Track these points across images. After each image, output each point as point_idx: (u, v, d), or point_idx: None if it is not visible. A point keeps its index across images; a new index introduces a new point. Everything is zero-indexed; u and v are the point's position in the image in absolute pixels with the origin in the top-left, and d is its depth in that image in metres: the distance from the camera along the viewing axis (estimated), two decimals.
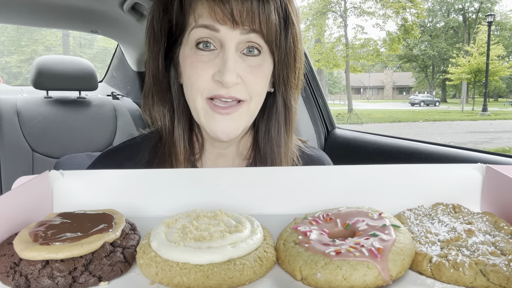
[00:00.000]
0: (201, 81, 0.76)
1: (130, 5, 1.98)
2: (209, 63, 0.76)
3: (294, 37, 0.81)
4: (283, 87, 0.84)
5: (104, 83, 3.06)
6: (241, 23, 0.72)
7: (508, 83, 34.36)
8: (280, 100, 0.86)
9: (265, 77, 0.79)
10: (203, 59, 0.76)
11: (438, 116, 19.94)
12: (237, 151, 0.91)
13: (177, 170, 0.70)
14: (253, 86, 0.77)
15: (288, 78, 0.83)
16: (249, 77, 0.77)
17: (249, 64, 0.77)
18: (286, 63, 0.81)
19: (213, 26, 0.74)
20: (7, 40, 17.91)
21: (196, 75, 0.76)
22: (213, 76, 0.75)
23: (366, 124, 16.61)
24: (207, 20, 0.74)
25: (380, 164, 0.67)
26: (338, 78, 43.65)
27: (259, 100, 0.81)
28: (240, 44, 0.76)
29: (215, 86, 0.76)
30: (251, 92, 0.78)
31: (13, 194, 0.56)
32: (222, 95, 0.76)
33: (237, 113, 0.78)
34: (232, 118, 0.78)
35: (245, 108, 0.79)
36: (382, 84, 46.33)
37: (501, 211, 0.60)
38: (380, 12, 23.43)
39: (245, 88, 0.77)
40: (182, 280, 0.45)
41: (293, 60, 0.82)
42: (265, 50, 0.78)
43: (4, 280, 0.46)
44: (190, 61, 0.77)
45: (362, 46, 23.50)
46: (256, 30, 0.74)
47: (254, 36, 0.75)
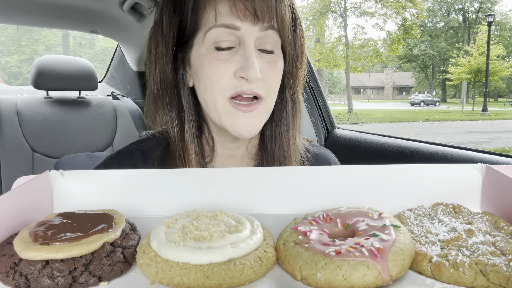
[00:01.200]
0: (223, 79, 0.76)
1: (130, 5, 1.98)
2: (229, 60, 0.76)
3: (301, 33, 0.83)
4: (292, 83, 0.86)
5: (104, 83, 3.06)
6: (262, 18, 0.74)
7: (508, 83, 34.37)
8: (289, 96, 0.88)
9: (280, 73, 0.81)
10: (222, 58, 0.76)
11: (438, 116, 19.94)
12: (246, 151, 0.92)
13: (177, 170, 0.70)
14: (271, 82, 0.79)
15: (297, 74, 0.86)
16: (268, 73, 0.78)
17: (265, 60, 0.78)
18: (296, 59, 0.83)
19: (233, 25, 0.74)
20: (7, 40, 17.91)
21: (218, 74, 0.76)
22: (235, 73, 0.76)
23: (366, 124, 16.61)
24: (227, 19, 0.74)
25: (380, 164, 0.67)
26: (338, 78, 43.66)
27: (274, 97, 0.83)
28: (258, 41, 0.77)
29: (237, 83, 0.76)
30: (269, 89, 0.80)
31: (13, 194, 0.56)
32: (245, 91, 0.77)
33: (258, 110, 0.80)
34: (253, 115, 0.79)
35: (264, 106, 0.81)
36: (382, 84, 46.34)
37: (501, 211, 0.60)
38: (380, 12, 23.44)
39: (264, 84, 0.78)
40: (182, 280, 0.45)
41: (301, 55, 0.84)
42: (279, 46, 0.80)
43: (4, 280, 0.46)
44: (209, 61, 0.76)
45: (362, 46, 23.50)
46: (273, 27, 0.76)
47: (271, 32, 0.77)
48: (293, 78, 0.86)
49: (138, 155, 0.91)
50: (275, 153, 0.88)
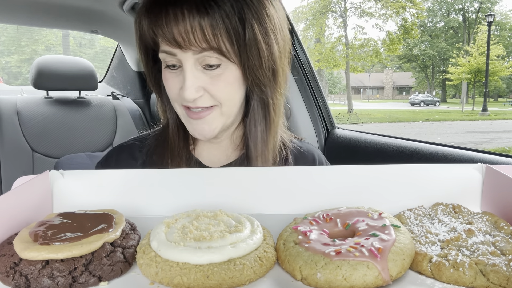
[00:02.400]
0: (172, 94, 0.83)
1: (130, 5, 1.98)
2: (176, 79, 0.81)
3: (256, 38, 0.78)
4: (256, 86, 0.84)
5: (104, 83, 3.06)
6: (185, 46, 0.75)
7: (508, 83, 34.37)
8: (256, 99, 0.86)
9: (228, 84, 0.81)
10: (172, 76, 0.82)
11: (438, 116, 19.93)
12: (230, 141, 0.95)
13: (177, 170, 0.70)
14: (218, 94, 0.80)
15: (258, 79, 0.82)
16: (212, 88, 0.80)
17: (210, 76, 0.79)
18: (251, 66, 0.80)
19: (170, 51, 0.78)
20: (7, 40, 17.90)
21: (169, 89, 0.83)
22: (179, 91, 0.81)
23: (366, 124, 16.61)
24: (164, 47, 0.79)
25: (380, 164, 0.67)
26: (338, 78, 43.66)
27: (231, 103, 0.83)
28: (198, 60, 0.78)
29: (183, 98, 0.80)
30: (218, 99, 0.81)
31: (13, 194, 0.56)
32: (191, 106, 0.81)
33: (210, 116, 0.82)
34: (205, 121, 0.83)
35: (217, 112, 0.83)
36: (382, 84, 46.34)
37: (501, 211, 0.60)
38: (380, 12, 23.44)
39: (210, 97, 0.80)
40: (182, 280, 0.45)
41: (258, 62, 0.80)
42: (225, 61, 0.79)
43: (4, 280, 0.46)
44: (164, 77, 0.84)
45: (362, 46, 23.50)
46: (206, 49, 0.76)
47: (207, 53, 0.77)
48: (256, 83, 0.83)
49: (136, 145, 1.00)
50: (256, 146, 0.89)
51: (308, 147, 1.03)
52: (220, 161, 0.95)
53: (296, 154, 0.99)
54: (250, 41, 0.77)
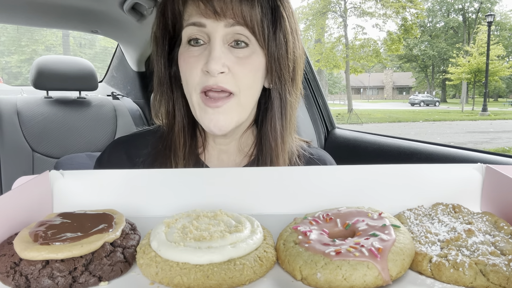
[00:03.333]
0: (193, 75, 0.79)
1: (130, 5, 1.98)
2: (199, 56, 0.79)
3: (285, 30, 0.81)
4: (277, 80, 0.84)
5: (104, 83, 3.06)
6: (223, 15, 0.75)
7: (508, 83, 34.36)
8: (274, 93, 0.86)
9: (253, 69, 0.80)
10: (194, 54, 0.79)
11: (438, 116, 19.93)
12: (238, 147, 0.93)
13: (177, 170, 0.70)
14: (240, 76, 0.79)
15: (281, 71, 0.83)
16: (237, 68, 0.78)
17: (237, 55, 0.79)
18: (277, 56, 0.81)
19: (199, 22, 0.77)
20: (7, 40, 17.90)
21: (189, 70, 0.80)
22: (202, 68, 0.78)
23: (366, 124, 16.61)
24: (194, 18, 0.78)
25: (380, 164, 0.67)
26: (338, 78, 43.66)
27: (250, 93, 0.82)
28: (227, 36, 0.78)
29: (204, 77, 0.78)
30: (239, 84, 0.79)
31: (13, 194, 0.56)
32: (211, 86, 0.78)
33: (227, 106, 0.80)
34: (222, 111, 0.80)
35: (235, 101, 0.80)
36: (382, 84, 46.33)
37: (501, 211, 0.60)
38: (380, 12, 23.44)
39: (233, 79, 0.78)
40: (182, 280, 0.45)
41: (285, 53, 0.82)
42: (254, 43, 0.79)
43: (4, 280, 0.46)
44: (183, 58, 0.81)
45: (362, 46, 23.49)
46: (240, 23, 0.77)
47: (239, 28, 0.77)
48: (277, 74, 0.83)
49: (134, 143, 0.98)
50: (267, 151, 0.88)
51: (319, 153, 1.01)
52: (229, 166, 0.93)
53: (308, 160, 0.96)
54: (281, 31, 0.80)
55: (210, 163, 0.93)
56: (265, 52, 0.81)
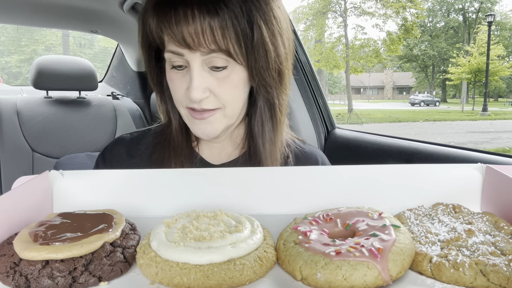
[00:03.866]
0: (178, 95, 0.83)
1: (130, 5, 1.98)
2: (182, 79, 0.81)
3: (264, 39, 0.79)
4: (262, 87, 0.85)
5: (104, 83, 3.06)
6: (195, 47, 0.75)
7: (508, 83, 34.35)
8: (261, 100, 0.87)
9: (234, 87, 0.81)
10: (178, 76, 0.81)
11: (438, 116, 19.92)
12: (230, 141, 0.96)
13: (177, 170, 0.70)
14: (223, 96, 0.81)
15: (265, 80, 0.83)
16: (218, 89, 0.80)
17: (217, 77, 0.80)
18: (258, 68, 0.80)
19: (177, 51, 0.78)
20: (7, 40, 17.89)
21: (174, 90, 0.83)
22: (185, 91, 0.80)
23: (366, 124, 16.60)
24: (172, 47, 0.78)
25: (380, 164, 0.67)
26: (338, 78, 43.64)
27: (235, 106, 0.84)
28: (206, 61, 0.78)
29: (188, 100, 0.80)
30: (223, 102, 0.81)
31: (13, 194, 0.56)
32: (195, 108, 0.81)
33: (214, 117, 0.83)
34: (209, 121, 0.83)
35: (221, 114, 0.83)
36: (382, 84, 46.32)
37: (501, 211, 0.60)
38: (380, 11, 23.43)
39: (216, 99, 0.81)
40: (182, 280, 0.45)
41: (265, 63, 0.80)
42: (232, 62, 0.79)
43: (4, 280, 0.46)
44: (169, 77, 0.83)
45: (362, 46, 23.49)
46: (215, 50, 0.76)
47: (215, 54, 0.77)
48: (263, 84, 0.84)
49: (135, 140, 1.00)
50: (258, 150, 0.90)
51: (310, 149, 1.03)
52: (221, 159, 0.95)
53: (298, 155, 0.99)
54: (258, 43, 0.78)
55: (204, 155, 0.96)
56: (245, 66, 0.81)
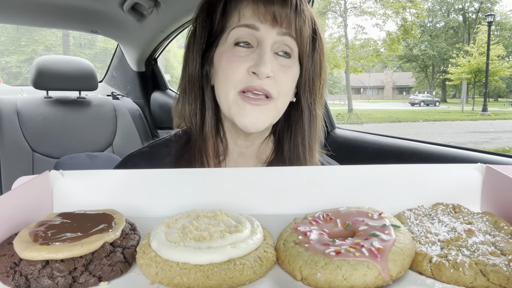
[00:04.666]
0: (236, 74, 0.82)
1: (130, 5, 1.98)
2: (245, 57, 0.82)
3: (321, 51, 0.90)
4: (308, 93, 0.90)
5: (104, 83, 3.06)
6: (280, 23, 0.81)
7: (508, 83, 34.34)
8: (305, 106, 0.91)
9: (292, 78, 0.86)
10: (240, 54, 0.82)
11: (438, 116, 19.91)
12: (257, 152, 0.96)
13: (177, 170, 0.70)
14: (282, 83, 0.84)
15: (314, 86, 0.90)
16: (280, 75, 0.83)
17: (280, 63, 0.84)
18: (312, 71, 0.89)
19: (254, 25, 0.81)
20: (7, 40, 17.89)
21: (232, 68, 0.82)
22: (248, 69, 0.81)
23: (366, 124, 16.60)
24: (249, 20, 0.82)
25: (380, 164, 0.67)
26: (338, 78, 43.63)
27: (285, 100, 0.87)
28: (275, 44, 0.83)
29: (249, 78, 0.81)
30: (280, 89, 0.84)
31: (13, 194, 0.56)
32: (255, 87, 0.81)
33: (266, 107, 0.83)
34: (260, 110, 0.83)
35: (273, 105, 0.84)
36: (382, 84, 46.31)
37: (501, 211, 0.60)
38: (380, 11, 23.43)
39: (275, 84, 0.83)
40: (182, 280, 0.45)
41: (318, 70, 0.90)
42: (295, 55, 0.86)
43: (4, 280, 0.46)
44: (226, 56, 0.83)
45: (362, 46, 23.49)
46: (291, 34, 0.83)
47: (288, 39, 0.83)
48: (309, 90, 0.90)
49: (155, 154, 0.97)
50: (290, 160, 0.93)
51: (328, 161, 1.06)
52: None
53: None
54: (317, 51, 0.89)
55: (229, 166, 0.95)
56: (303, 66, 0.88)
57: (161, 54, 2.70)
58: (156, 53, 2.60)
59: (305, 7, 0.84)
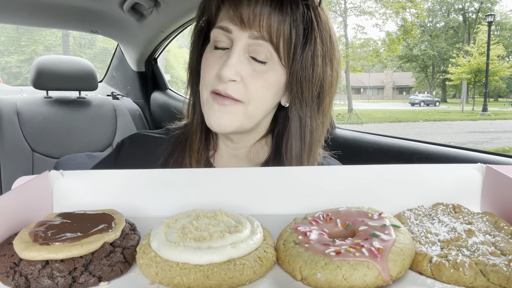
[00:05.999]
0: (207, 75, 0.81)
1: (130, 5, 1.98)
2: (218, 60, 0.80)
3: (315, 52, 0.79)
4: (297, 101, 0.83)
5: (104, 83, 3.06)
6: (248, 25, 0.76)
7: (508, 83, 34.33)
8: (293, 114, 0.85)
9: (266, 84, 0.79)
10: (214, 56, 0.81)
11: (438, 116, 19.91)
12: (247, 156, 0.93)
13: (177, 170, 0.70)
14: (252, 89, 0.79)
15: (302, 93, 0.81)
16: (250, 80, 0.78)
17: (254, 68, 0.79)
18: (300, 77, 0.80)
19: (226, 27, 0.79)
20: (7, 40, 17.90)
21: (206, 70, 0.82)
22: (216, 71, 0.79)
23: (366, 124, 16.60)
24: (223, 22, 0.80)
25: (380, 164, 0.67)
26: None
27: (259, 106, 0.82)
28: (250, 47, 0.78)
29: (216, 81, 0.80)
30: (249, 95, 0.79)
31: (13, 194, 0.56)
32: (219, 90, 0.78)
33: (233, 108, 0.80)
34: (227, 111, 0.80)
35: (242, 108, 0.80)
36: (382, 84, 46.32)
37: (501, 211, 0.60)
38: (380, 11, 23.43)
39: (244, 89, 0.79)
40: (182, 280, 0.45)
41: (310, 75, 0.80)
42: (275, 59, 0.79)
43: (4, 280, 0.46)
44: (205, 58, 0.83)
45: (362, 46, 23.49)
46: (265, 38, 0.76)
47: (262, 42, 0.77)
48: (299, 97, 0.82)
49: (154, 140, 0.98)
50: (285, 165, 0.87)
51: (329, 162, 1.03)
52: None
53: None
54: (308, 53, 0.79)
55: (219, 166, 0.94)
56: (287, 70, 0.80)
57: (161, 54, 2.70)
58: (156, 53, 2.60)
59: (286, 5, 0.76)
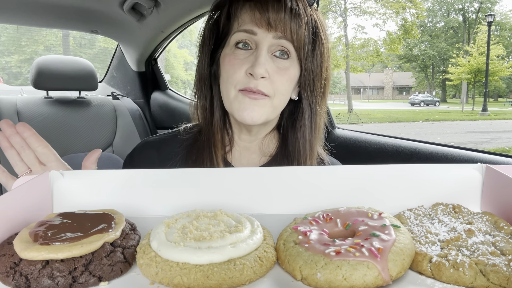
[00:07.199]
0: (235, 75, 0.89)
1: (130, 5, 1.98)
2: (244, 60, 0.88)
3: (322, 50, 0.93)
4: (309, 93, 0.95)
5: (104, 83, 3.06)
6: (274, 28, 0.86)
7: (508, 83, 34.34)
8: (305, 105, 0.96)
9: (289, 79, 0.91)
10: (240, 57, 0.89)
11: (438, 116, 19.91)
12: (259, 148, 1.03)
13: (177, 170, 0.70)
14: (278, 84, 0.89)
15: (314, 85, 0.94)
16: (276, 76, 0.88)
17: (277, 65, 0.89)
18: (312, 71, 0.92)
19: (251, 30, 0.88)
20: (7, 40, 17.90)
21: (233, 70, 0.89)
22: (246, 70, 0.88)
23: (366, 124, 16.60)
24: (247, 25, 0.88)
25: (380, 164, 0.67)
26: (338, 78, 43.62)
27: (282, 99, 0.92)
28: (272, 47, 0.88)
29: (246, 79, 0.88)
30: (275, 89, 0.89)
31: (13, 194, 0.56)
32: (251, 88, 0.87)
33: (262, 101, 0.89)
34: (258, 104, 0.89)
35: (269, 102, 0.90)
36: (382, 84, 46.32)
37: (501, 211, 0.60)
38: (380, 11, 23.43)
39: (271, 84, 0.88)
40: (182, 280, 0.45)
41: (319, 69, 0.93)
42: (293, 56, 0.90)
43: (4, 280, 0.46)
44: (228, 59, 0.90)
45: (362, 46, 23.49)
46: (287, 37, 0.87)
47: (284, 41, 0.88)
48: (310, 90, 0.94)
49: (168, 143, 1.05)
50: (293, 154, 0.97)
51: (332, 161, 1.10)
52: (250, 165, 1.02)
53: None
54: (318, 51, 0.92)
55: (234, 161, 1.01)
56: (302, 66, 0.91)
57: (161, 54, 2.70)
58: (156, 53, 2.60)
59: (301, 11, 0.88)
